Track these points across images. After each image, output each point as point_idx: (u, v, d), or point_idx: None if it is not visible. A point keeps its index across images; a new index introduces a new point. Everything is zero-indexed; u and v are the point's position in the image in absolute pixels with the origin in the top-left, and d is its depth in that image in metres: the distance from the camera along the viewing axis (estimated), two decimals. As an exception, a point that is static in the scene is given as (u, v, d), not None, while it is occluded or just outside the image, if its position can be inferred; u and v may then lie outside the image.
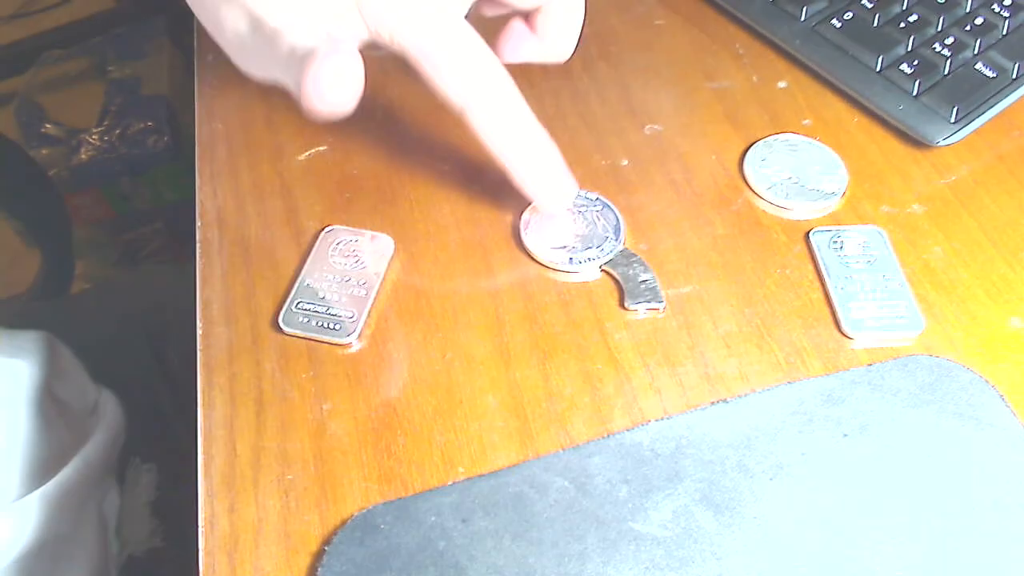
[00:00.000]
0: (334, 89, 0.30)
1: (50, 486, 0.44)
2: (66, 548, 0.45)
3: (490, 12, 0.37)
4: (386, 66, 0.33)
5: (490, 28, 0.35)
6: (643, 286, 0.35)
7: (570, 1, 0.36)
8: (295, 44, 0.31)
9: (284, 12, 0.32)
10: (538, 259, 0.36)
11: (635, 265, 0.35)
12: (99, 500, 0.49)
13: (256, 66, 0.34)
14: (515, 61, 0.36)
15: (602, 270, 0.36)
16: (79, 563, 0.46)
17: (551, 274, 0.36)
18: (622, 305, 0.35)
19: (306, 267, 0.36)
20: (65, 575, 0.45)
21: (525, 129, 0.33)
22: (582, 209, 0.38)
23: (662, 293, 0.35)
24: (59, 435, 0.46)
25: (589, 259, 0.36)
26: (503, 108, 0.33)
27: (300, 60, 0.30)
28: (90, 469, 0.46)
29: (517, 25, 0.36)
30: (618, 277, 0.35)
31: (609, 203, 0.38)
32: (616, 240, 0.36)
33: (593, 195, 0.38)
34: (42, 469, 0.44)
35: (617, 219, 0.37)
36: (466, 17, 0.33)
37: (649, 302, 0.34)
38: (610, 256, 0.36)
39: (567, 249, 0.36)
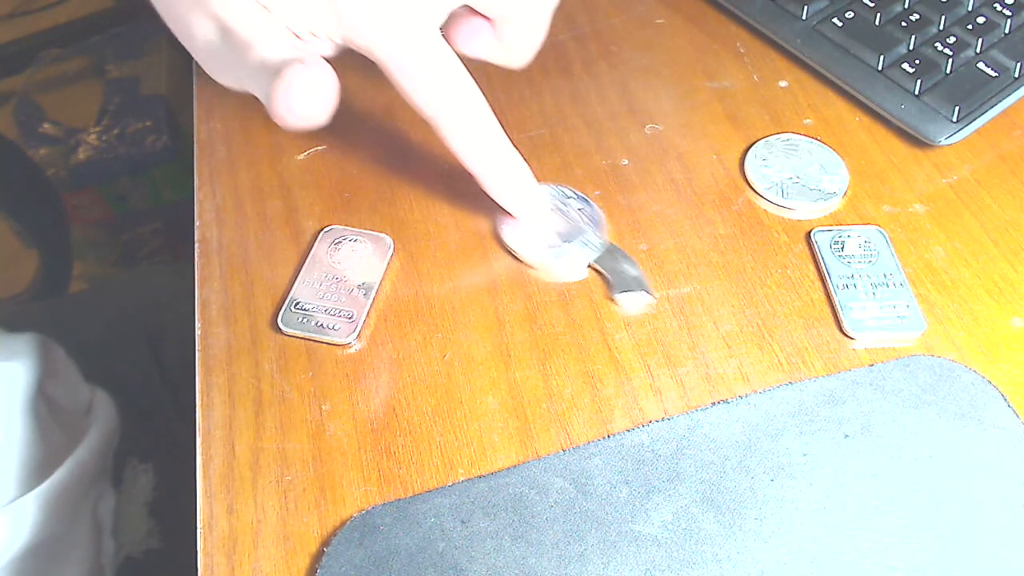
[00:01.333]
0: (305, 103, 0.30)
1: (44, 487, 0.43)
2: (61, 549, 0.45)
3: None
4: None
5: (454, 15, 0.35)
6: (629, 278, 0.35)
7: (534, 20, 0.36)
8: (266, 56, 0.31)
9: (256, 22, 0.31)
10: (520, 257, 0.36)
11: (620, 259, 0.35)
12: (94, 501, 0.49)
13: (227, 75, 0.33)
14: (467, 54, 0.36)
15: (589, 267, 0.36)
16: (74, 564, 0.46)
17: (536, 273, 0.36)
18: (608, 297, 0.35)
19: (305, 267, 0.36)
20: (60, 577, 0.45)
21: (494, 143, 0.34)
22: (562, 207, 0.37)
23: (648, 284, 0.35)
24: (53, 436, 0.46)
25: (569, 255, 0.36)
26: (472, 122, 0.33)
27: (271, 73, 0.30)
28: (84, 470, 0.46)
29: (477, 20, 0.36)
30: (604, 271, 0.35)
31: (587, 199, 0.38)
32: (597, 235, 0.36)
33: (571, 191, 0.38)
34: (36, 471, 0.44)
35: (597, 215, 0.37)
36: (440, 28, 0.33)
37: (635, 292, 0.34)
38: (596, 252, 0.36)
39: (549, 247, 0.36)
